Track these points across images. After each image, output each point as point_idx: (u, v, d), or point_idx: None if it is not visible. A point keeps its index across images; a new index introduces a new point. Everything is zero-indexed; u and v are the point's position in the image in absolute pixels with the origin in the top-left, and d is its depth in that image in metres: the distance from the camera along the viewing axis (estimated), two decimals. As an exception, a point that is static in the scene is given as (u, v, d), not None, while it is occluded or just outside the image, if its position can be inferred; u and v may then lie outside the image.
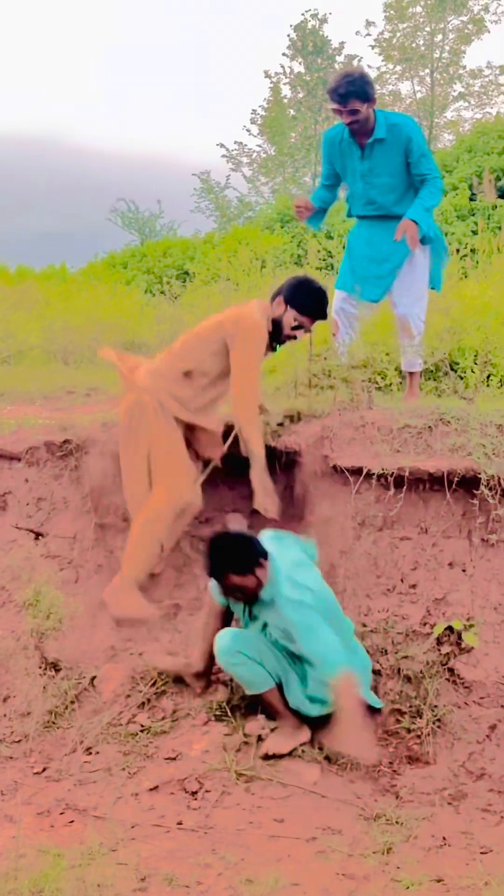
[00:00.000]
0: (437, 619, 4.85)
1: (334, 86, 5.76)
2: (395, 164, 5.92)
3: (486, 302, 7.30)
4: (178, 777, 4.22)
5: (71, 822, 3.99)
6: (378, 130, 5.84)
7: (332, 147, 6.11)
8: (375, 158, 5.92)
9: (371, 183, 6.01)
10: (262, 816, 3.98)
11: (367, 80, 5.75)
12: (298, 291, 5.42)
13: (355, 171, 6.03)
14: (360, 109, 5.73)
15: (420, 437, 5.22)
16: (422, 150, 5.88)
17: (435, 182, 5.93)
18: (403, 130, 5.85)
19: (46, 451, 5.56)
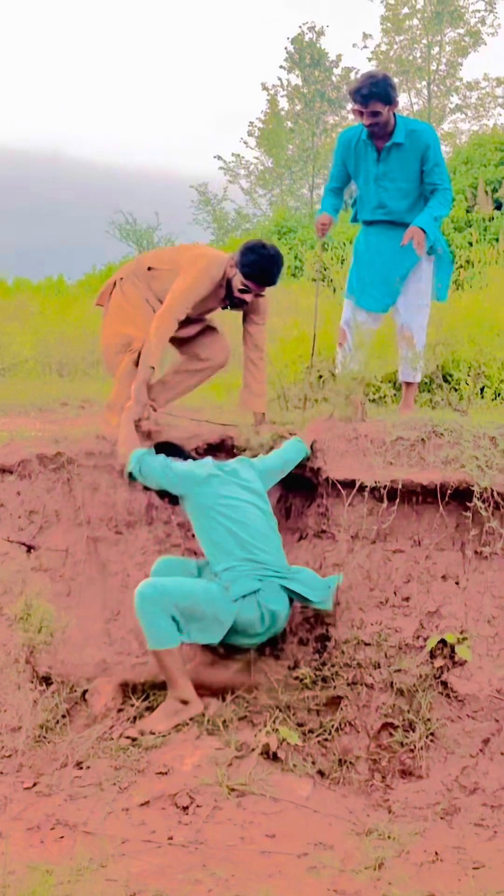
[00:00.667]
0: (431, 632, 4.83)
1: (357, 86, 5.77)
2: (410, 171, 5.92)
3: (481, 314, 7.31)
4: (170, 792, 4.18)
5: (61, 838, 3.95)
6: (397, 134, 5.84)
7: (347, 147, 6.10)
8: (391, 162, 5.92)
9: (384, 187, 6.00)
10: (253, 832, 3.95)
11: (389, 83, 5.77)
12: (246, 256, 5.53)
13: (369, 173, 6.02)
14: (382, 112, 5.74)
15: (413, 449, 5.21)
16: (437, 160, 5.89)
17: (445, 193, 5.93)
18: (422, 137, 5.88)
19: (39, 463, 5.54)
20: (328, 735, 4.62)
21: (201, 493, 4.88)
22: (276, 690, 4.78)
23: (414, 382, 6.21)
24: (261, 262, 5.50)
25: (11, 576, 5.14)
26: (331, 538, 5.28)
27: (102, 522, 5.52)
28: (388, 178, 5.97)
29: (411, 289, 6.07)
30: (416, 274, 6.04)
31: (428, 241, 5.82)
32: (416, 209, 5.98)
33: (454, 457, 5.08)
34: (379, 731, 4.60)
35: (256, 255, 5.50)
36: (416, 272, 6.03)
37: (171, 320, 5.48)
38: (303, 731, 4.61)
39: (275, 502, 5.48)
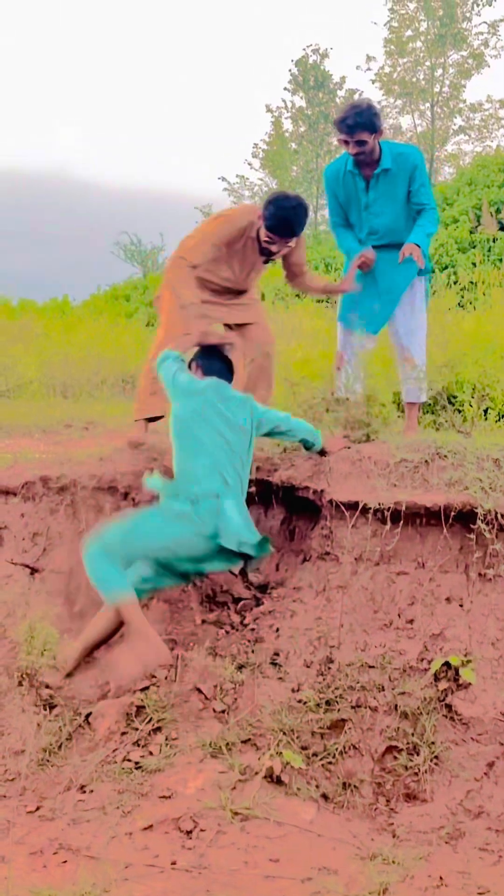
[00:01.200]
0: (435, 654, 4.82)
1: (342, 116, 5.80)
2: (399, 194, 5.98)
3: (485, 335, 7.31)
4: (173, 816, 4.16)
5: (64, 863, 3.94)
6: (384, 161, 5.88)
7: (335, 180, 6.14)
8: (380, 189, 5.96)
9: (375, 213, 6.04)
10: (257, 856, 3.93)
11: (374, 112, 5.80)
12: (267, 208, 5.65)
13: (359, 201, 6.06)
14: (368, 141, 5.78)
15: (417, 471, 5.21)
16: (423, 180, 5.95)
17: (433, 213, 5.98)
18: (409, 159, 5.94)
19: (42, 485, 5.55)
20: (332, 758, 4.59)
21: (185, 405, 5.02)
22: (279, 713, 4.76)
23: (418, 403, 6.22)
24: (281, 214, 5.59)
25: (15, 598, 5.14)
26: (334, 560, 5.27)
27: (106, 545, 5.50)
28: (379, 204, 6.02)
29: (407, 309, 6.10)
30: (411, 294, 6.08)
31: (423, 257, 5.86)
32: (405, 231, 6.03)
33: (458, 479, 5.07)
34: (383, 754, 4.58)
35: (276, 207, 5.60)
36: (410, 292, 6.07)
37: (182, 262, 5.68)
38: (306, 755, 4.58)
39: (278, 524, 5.49)
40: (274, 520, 5.55)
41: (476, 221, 16.52)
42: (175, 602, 5.41)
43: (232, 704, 4.89)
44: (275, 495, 5.56)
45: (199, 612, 5.30)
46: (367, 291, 6.15)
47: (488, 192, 17.43)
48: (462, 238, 16.21)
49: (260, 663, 5.03)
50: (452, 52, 33.65)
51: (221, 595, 5.53)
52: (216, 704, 4.88)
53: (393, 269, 5.97)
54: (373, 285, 6.13)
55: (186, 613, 5.38)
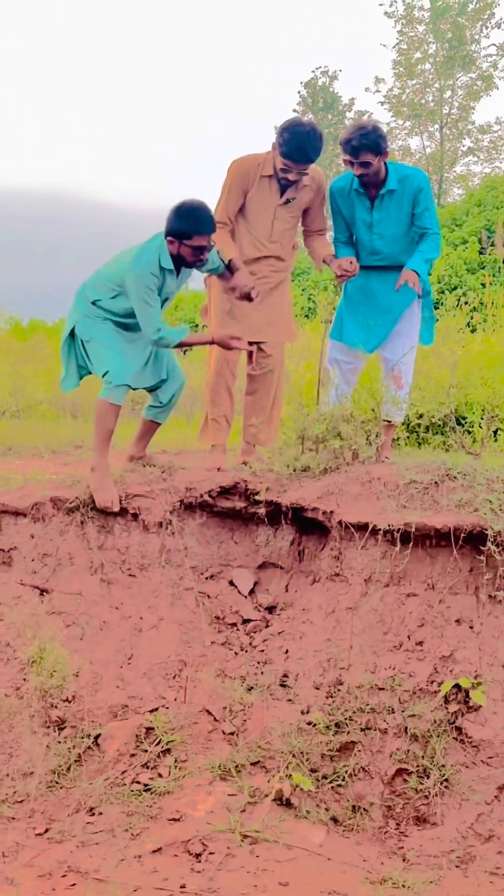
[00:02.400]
0: (445, 676, 4.80)
1: (347, 138, 5.83)
2: (403, 215, 6.01)
3: (494, 356, 7.32)
4: (182, 839, 4.15)
5: (73, 885, 3.92)
6: (390, 182, 5.91)
7: (342, 198, 6.17)
8: (385, 210, 5.99)
9: (379, 234, 6.06)
10: (266, 880, 3.91)
11: (380, 134, 5.82)
12: (281, 136, 5.77)
13: (363, 221, 6.08)
14: (373, 162, 5.80)
15: (426, 492, 5.20)
16: (427, 204, 5.97)
17: (435, 238, 6.02)
18: (414, 182, 5.97)
19: (52, 506, 5.55)
20: (342, 781, 4.58)
21: None
22: (288, 735, 4.74)
23: (395, 424, 6.24)
24: (295, 140, 5.70)
25: (24, 619, 5.13)
26: (344, 581, 5.27)
27: (115, 565, 5.51)
28: (383, 224, 6.05)
29: (403, 330, 6.12)
30: (408, 316, 6.10)
31: (421, 283, 5.88)
32: (408, 252, 6.06)
33: (468, 500, 5.07)
34: (393, 777, 4.56)
35: (290, 133, 5.70)
36: (407, 315, 6.09)
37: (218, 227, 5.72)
38: (316, 777, 4.57)
39: (287, 545, 5.48)
40: (283, 541, 5.54)
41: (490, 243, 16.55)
42: (184, 623, 5.40)
43: (241, 726, 4.88)
44: (284, 516, 5.55)
45: (208, 633, 5.30)
46: (364, 310, 6.18)
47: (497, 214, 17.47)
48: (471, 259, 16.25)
49: (269, 685, 5.02)
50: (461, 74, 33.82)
51: (231, 616, 5.52)
52: (225, 726, 4.87)
53: (392, 290, 5.99)
54: (372, 305, 6.16)
55: (195, 634, 5.37)
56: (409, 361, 6.15)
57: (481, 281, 15.17)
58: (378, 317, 6.13)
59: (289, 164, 5.78)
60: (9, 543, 5.52)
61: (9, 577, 5.46)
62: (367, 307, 6.20)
